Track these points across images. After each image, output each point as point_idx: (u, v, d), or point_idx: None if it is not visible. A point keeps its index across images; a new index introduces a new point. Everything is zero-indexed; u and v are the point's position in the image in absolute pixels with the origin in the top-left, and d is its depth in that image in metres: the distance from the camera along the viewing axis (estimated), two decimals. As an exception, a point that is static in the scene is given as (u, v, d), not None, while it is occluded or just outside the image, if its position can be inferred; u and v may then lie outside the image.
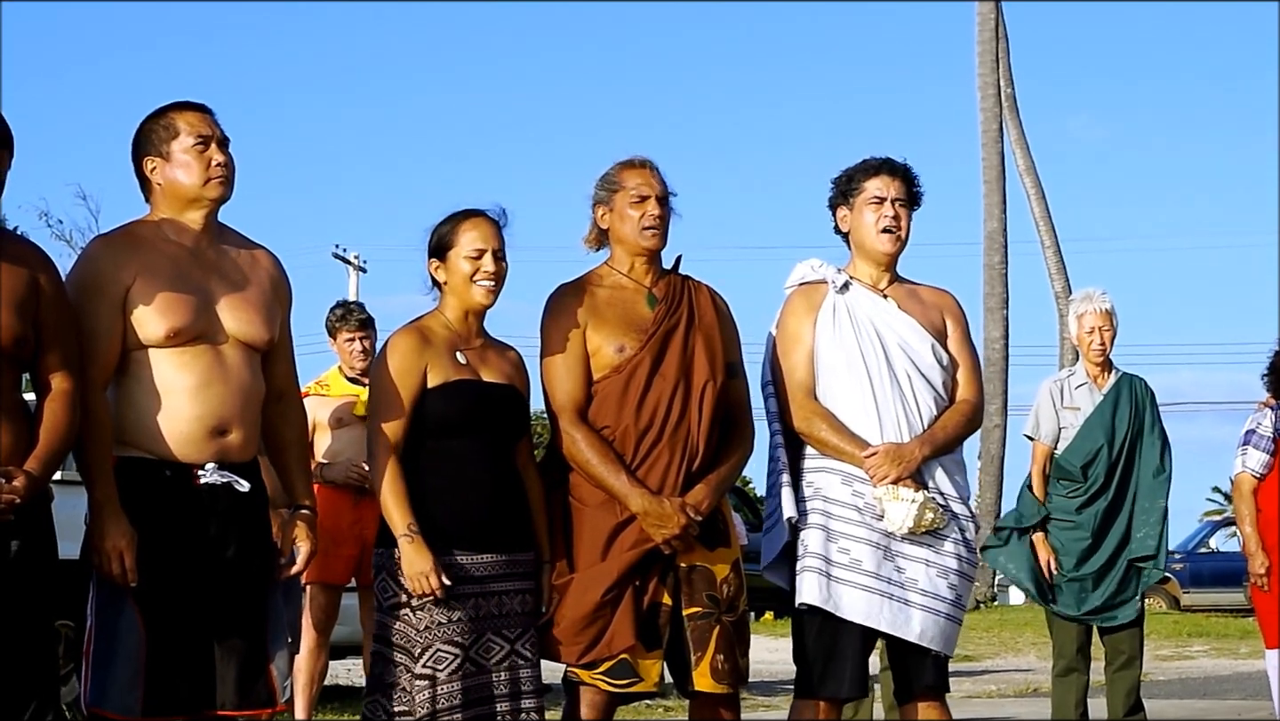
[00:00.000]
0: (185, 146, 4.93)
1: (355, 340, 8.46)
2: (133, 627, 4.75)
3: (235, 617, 4.88)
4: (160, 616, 4.76)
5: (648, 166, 5.63)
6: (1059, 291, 30.84)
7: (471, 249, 5.40)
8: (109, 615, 4.78)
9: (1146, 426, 8.36)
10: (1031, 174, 31.49)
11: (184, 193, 4.95)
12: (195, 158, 4.93)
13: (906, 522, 5.53)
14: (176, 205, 4.97)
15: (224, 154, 4.96)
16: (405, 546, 5.15)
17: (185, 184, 4.94)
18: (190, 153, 4.93)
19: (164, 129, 4.97)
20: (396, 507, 5.20)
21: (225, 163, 4.95)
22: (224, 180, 4.95)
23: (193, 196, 4.95)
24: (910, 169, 5.86)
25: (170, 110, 5.00)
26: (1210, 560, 28.83)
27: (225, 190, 4.97)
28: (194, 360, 4.86)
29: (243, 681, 4.89)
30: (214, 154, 4.94)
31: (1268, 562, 8.29)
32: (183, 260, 4.93)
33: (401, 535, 5.17)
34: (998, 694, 13.17)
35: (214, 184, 4.94)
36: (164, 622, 4.77)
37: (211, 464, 4.86)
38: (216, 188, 4.95)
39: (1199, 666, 16.71)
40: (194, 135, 4.94)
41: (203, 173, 4.93)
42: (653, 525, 5.36)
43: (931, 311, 5.85)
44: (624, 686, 5.39)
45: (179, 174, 4.94)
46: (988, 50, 31.16)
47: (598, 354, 5.50)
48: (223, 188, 4.96)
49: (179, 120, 4.97)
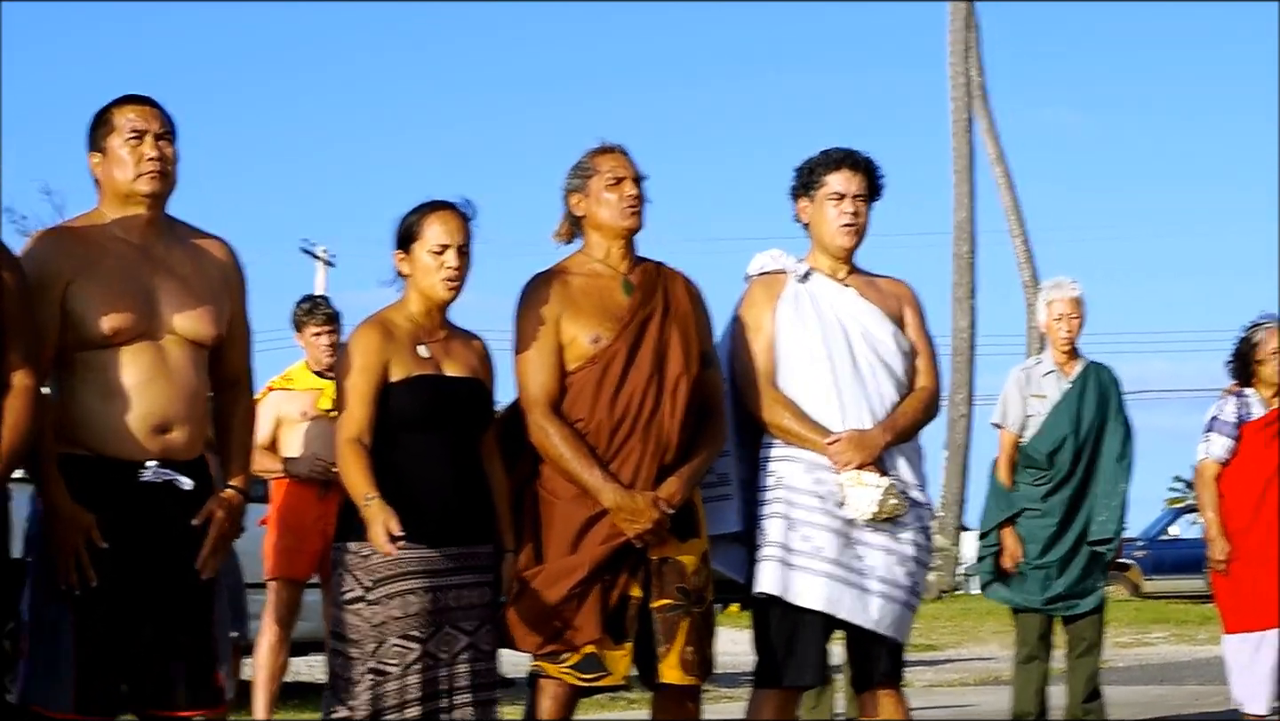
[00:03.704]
0: (120, 141, 4.89)
1: (322, 335, 8.44)
2: (67, 624, 4.71)
3: (180, 616, 4.85)
4: (98, 614, 4.72)
5: (620, 150, 5.64)
6: (1027, 280, 30.96)
7: (436, 243, 5.37)
8: (45, 611, 4.75)
9: (1111, 414, 8.39)
10: (1001, 163, 31.60)
11: (120, 188, 4.90)
12: (129, 152, 4.87)
13: (870, 509, 5.54)
14: (117, 201, 4.93)
15: (159, 148, 4.89)
16: (367, 511, 5.08)
17: (120, 179, 4.89)
18: (125, 147, 4.88)
19: (104, 124, 4.93)
20: (359, 481, 5.14)
21: (159, 157, 4.88)
22: (156, 175, 4.88)
23: (127, 191, 4.90)
24: (872, 162, 5.87)
25: (112, 105, 4.95)
26: (1172, 547, 28.96)
27: (159, 185, 4.90)
28: (136, 358, 4.81)
29: (190, 681, 4.87)
30: (147, 148, 4.87)
31: (1228, 548, 8.33)
32: (127, 256, 4.88)
33: (362, 503, 5.11)
34: (960, 683, 13.22)
35: (145, 179, 4.88)
36: (101, 620, 4.73)
37: (153, 462, 4.83)
38: (148, 182, 4.88)
39: (1157, 652, 16.82)
40: (129, 129, 4.88)
41: (135, 167, 4.87)
42: (625, 520, 5.34)
43: (890, 300, 5.87)
44: (592, 680, 5.38)
45: (115, 169, 4.90)
46: (959, 39, 31.27)
47: (572, 344, 5.47)
48: (154, 182, 4.89)
49: (117, 115, 4.92)
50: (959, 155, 30.96)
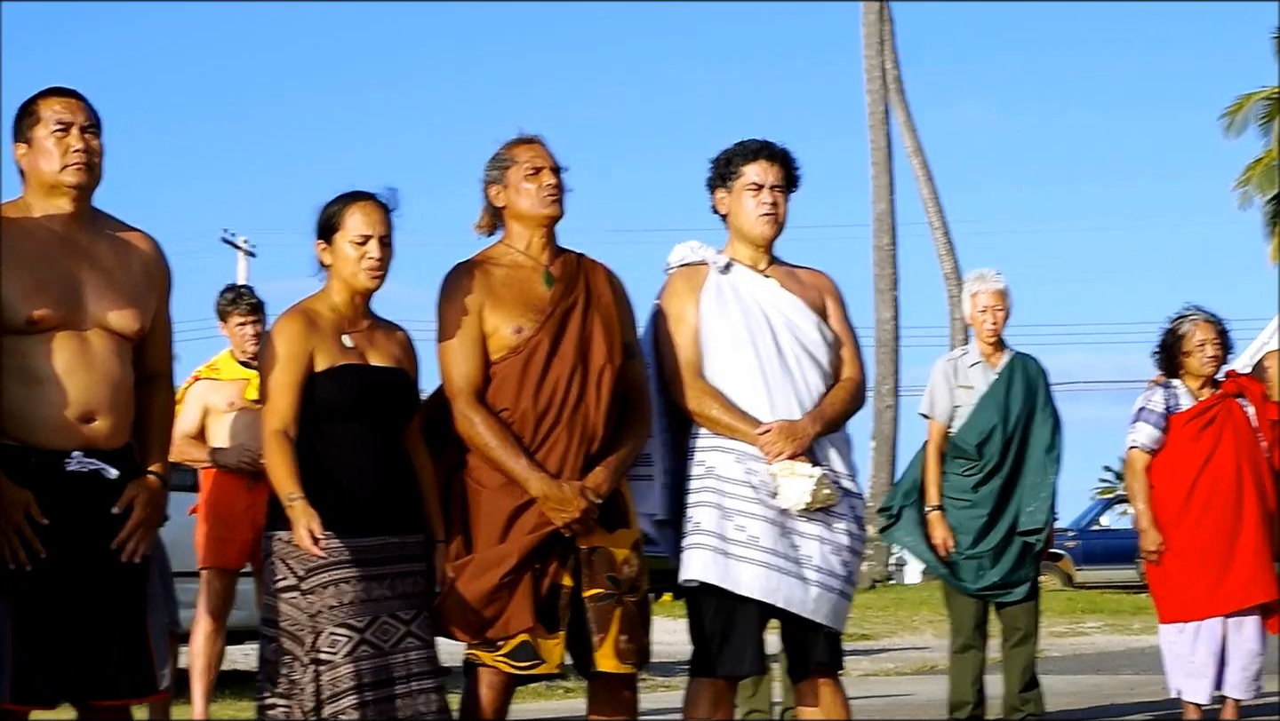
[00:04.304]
0: (46, 133, 4.89)
1: (247, 324, 8.41)
2: (3, 613, 4.69)
3: (110, 605, 4.84)
4: (30, 603, 4.71)
5: (538, 140, 5.65)
6: (948, 272, 31.09)
7: (357, 234, 5.36)
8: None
9: (1039, 405, 8.41)
10: (919, 156, 31.70)
11: (45, 179, 4.91)
12: (55, 144, 4.88)
13: (803, 498, 5.54)
14: (41, 192, 4.93)
15: (85, 140, 4.90)
16: (291, 512, 5.08)
17: (45, 170, 4.90)
18: (51, 139, 4.89)
19: (29, 115, 4.93)
20: (284, 478, 5.14)
21: (85, 149, 4.89)
22: (81, 166, 4.89)
23: (52, 183, 4.90)
24: (789, 152, 5.89)
25: (37, 97, 4.95)
26: (1102, 537, 29.18)
27: (84, 176, 4.91)
28: (59, 347, 4.81)
29: (123, 669, 4.86)
30: (73, 140, 4.88)
31: (1160, 539, 8.36)
32: (51, 246, 4.87)
33: (286, 502, 5.11)
34: (895, 672, 13.26)
35: (70, 170, 4.88)
36: (34, 610, 4.71)
37: (78, 451, 4.81)
38: (74, 174, 4.89)
39: (1092, 642, 16.90)
40: (55, 121, 4.89)
41: (61, 159, 4.87)
42: (553, 509, 5.34)
43: (811, 291, 5.89)
44: (526, 668, 5.38)
45: (40, 161, 4.90)
46: (873, 33, 31.35)
47: (495, 335, 5.47)
48: (80, 174, 4.90)
49: (43, 107, 4.92)
50: (876, 148, 31.05)
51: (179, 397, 8.19)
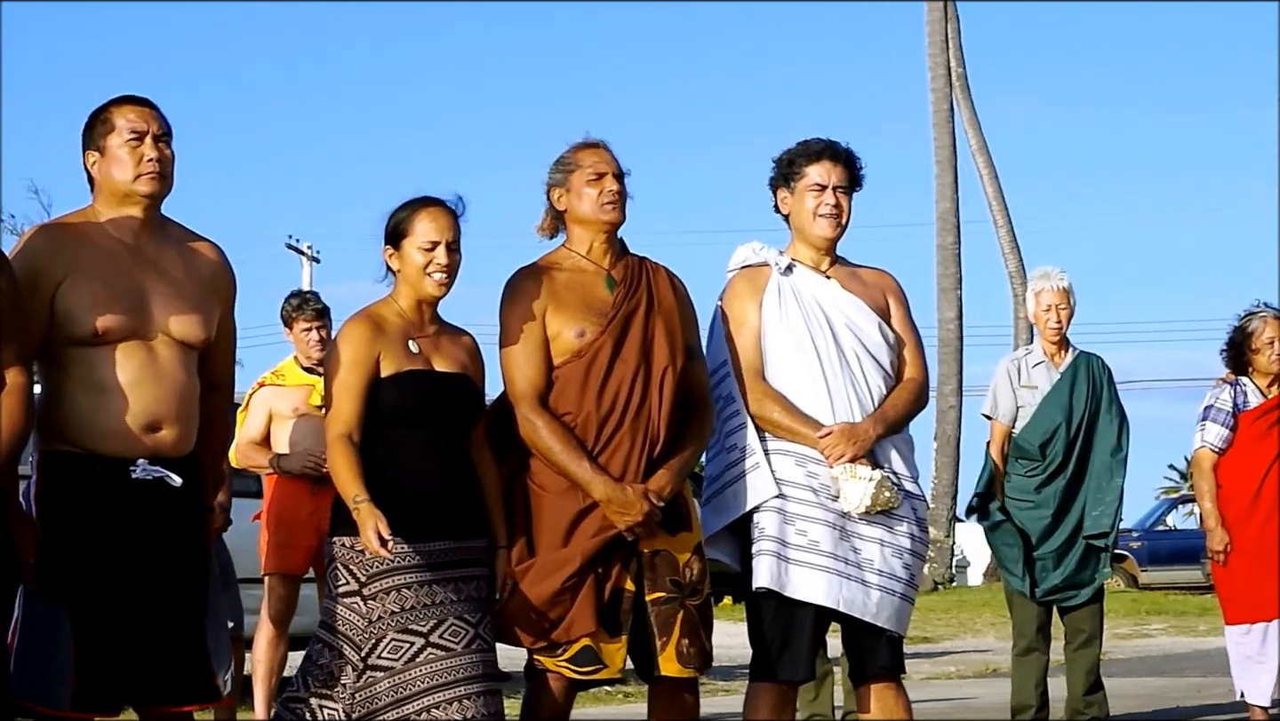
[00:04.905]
0: (120, 142, 4.93)
1: (312, 330, 8.43)
2: (61, 621, 4.74)
3: (172, 613, 4.88)
4: (91, 611, 4.75)
5: (601, 145, 5.64)
6: (1012, 271, 30.91)
7: (425, 240, 5.36)
8: (37, 608, 4.77)
9: (1104, 404, 8.37)
10: (984, 154, 31.52)
11: (118, 188, 4.94)
12: (129, 153, 4.92)
13: (864, 501, 5.53)
14: (113, 200, 4.97)
15: (159, 149, 4.94)
16: (357, 515, 5.09)
17: (118, 179, 4.93)
18: (124, 148, 4.92)
19: (102, 124, 4.96)
20: (349, 480, 5.15)
21: (158, 158, 4.93)
22: (155, 176, 4.93)
23: (125, 192, 4.94)
24: (852, 153, 5.87)
25: (110, 105, 4.99)
26: (1168, 537, 28.99)
27: (157, 186, 4.95)
28: (126, 357, 4.85)
29: (182, 676, 4.89)
30: (147, 149, 4.92)
31: (1227, 538, 8.30)
32: (119, 256, 4.91)
33: (352, 505, 5.11)
34: (957, 675, 13.20)
35: (145, 179, 4.92)
36: (95, 617, 4.75)
37: (143, 460, 4.85)
38: (147, 183, 4.93)
39: (1157, 644, 16.79)
40: (129, 130, 4.92)
41: (135, 168, 4.91)
42: (615, 512, 5.34)
43: (874, 291, 5.86)
44: (588, 673, 5.38)
45: (113, 169, 4.94)
46: (937, 30, 31.19)
47: (558, 338, 5.47)
48: (154, 183, 4.94)
49: (116, 115, 4.96)
50: (940, 146, 30.86)
51: (244, 404, 8.25)
